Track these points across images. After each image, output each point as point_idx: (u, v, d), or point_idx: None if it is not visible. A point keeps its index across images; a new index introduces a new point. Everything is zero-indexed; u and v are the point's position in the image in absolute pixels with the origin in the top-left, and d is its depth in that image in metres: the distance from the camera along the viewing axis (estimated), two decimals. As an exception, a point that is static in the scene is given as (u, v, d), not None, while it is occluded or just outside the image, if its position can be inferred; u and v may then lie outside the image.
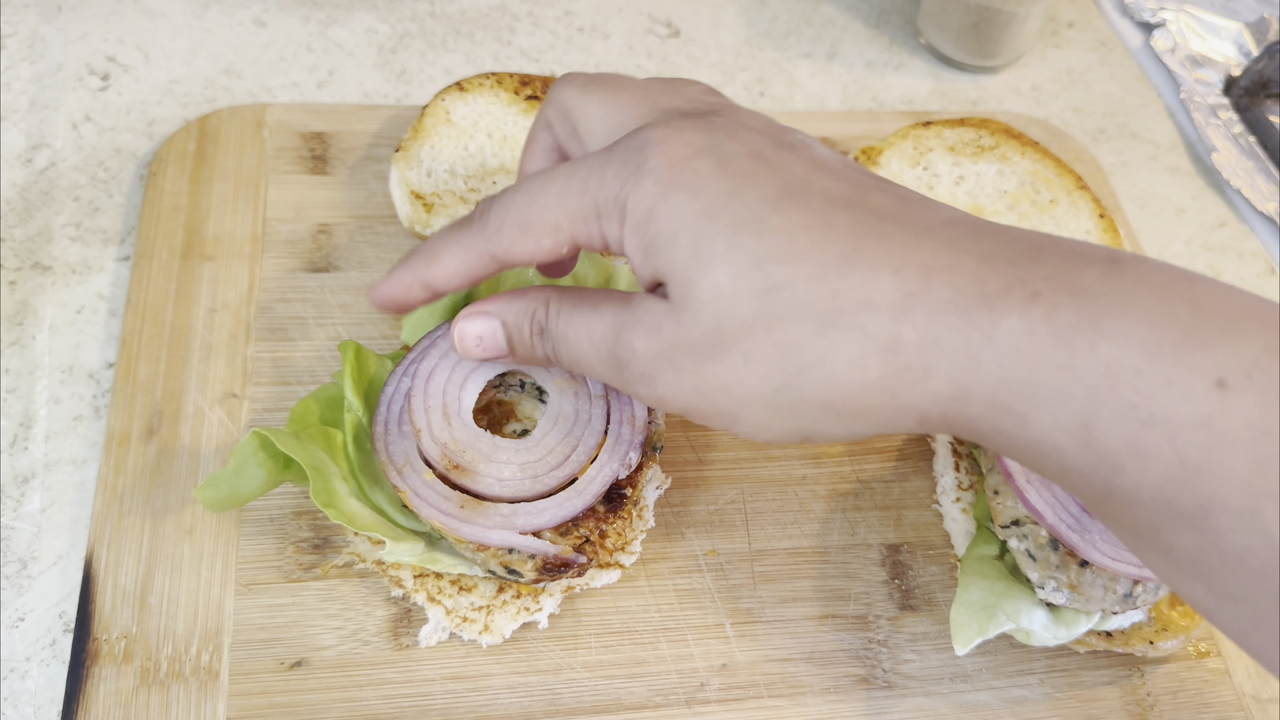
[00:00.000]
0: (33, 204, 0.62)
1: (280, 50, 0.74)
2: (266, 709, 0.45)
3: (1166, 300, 0.31)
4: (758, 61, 0.80)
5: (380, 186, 0.64)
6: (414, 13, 0.78)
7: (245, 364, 0.55)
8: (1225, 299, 0.31)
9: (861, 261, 0.34)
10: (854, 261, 0.34)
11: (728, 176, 0.36)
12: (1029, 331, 0.32)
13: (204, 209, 0.61)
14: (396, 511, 0.48)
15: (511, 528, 0.45)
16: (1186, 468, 0.30)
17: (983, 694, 0.49)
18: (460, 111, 0.64)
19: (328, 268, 0.60)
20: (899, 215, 0.35)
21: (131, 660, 0.45)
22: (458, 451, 0.46)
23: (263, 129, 0.66)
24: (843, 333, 0.34)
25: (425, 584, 0.47)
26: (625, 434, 0.48)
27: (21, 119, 0.66)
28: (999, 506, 0.49)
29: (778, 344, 0.34)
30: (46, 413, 0.54)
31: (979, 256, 0.33)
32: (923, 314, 0.33)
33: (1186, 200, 0.77)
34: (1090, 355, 0.31)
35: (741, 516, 0.54)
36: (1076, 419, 0.31)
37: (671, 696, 0.47)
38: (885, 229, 0.34)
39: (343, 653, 0.47)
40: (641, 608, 0.50)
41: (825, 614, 0.51)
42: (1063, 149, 0.75)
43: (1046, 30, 0.88)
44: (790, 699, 0.48)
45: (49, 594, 0.48)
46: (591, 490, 0.46)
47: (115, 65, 0.70)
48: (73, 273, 0.59)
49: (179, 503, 0.50)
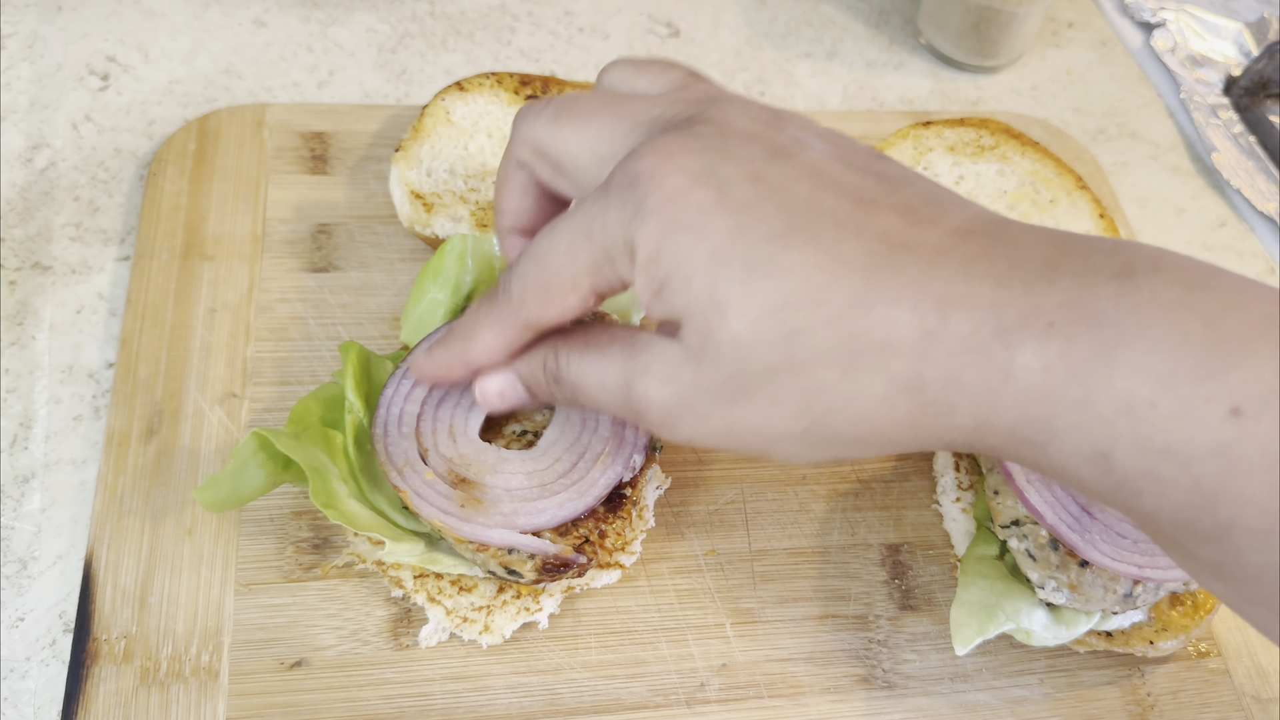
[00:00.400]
0: (33, 204, 0.62)
1: (280, 50, 0.74)
2: (266, 709, 0.45)
3: (1181, 323, 0.31)
4: (758, 61, 0.80)
5: (380, 186, 0.64)
6: (414, 13, 0.78)
7: (245, 364, 0.55)
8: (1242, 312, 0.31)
9: (878, 302, 0.33)
10: (869, 302, 0.33)
11: (730, 211, 0.35)
12: (1046, 370, 0.32)
13: (204, 209, 0.61)
14: (396, 512, 0.48)
15: (512, 527, 0.45)
16: (1204, 494, 0.30)
17: (983, 694, 0.49)
18: (460, 111, 0.64)
19: (328, 268, 0.60)
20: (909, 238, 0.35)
21: (131, 660, 0.45)
22: (463, 465, 0.46)
23: (263, 129, 0.66)
24: (867, 374, 0.34)
25: (425, 584, 0.47)
26: (630, 436, 0.48)
27: (21, 119, 0.66)
28: (999, 506, 0.49)
29: (804, 388, 0.34)
30: (46, 413, 0.54)
31: (994, 281, 0.33)
32: (942, 352, 0.33)
33: (1186, 200, 0.77)
34: (1106, 389, 0.31)
35: (741, 516, 0.54)
36: (1095, 449, 0.32)
37: (671, 696, 0.47)
38: (897, 259, 0.34)
39: (343, 653, 0.47)
40: (641, 608, 0.50)
41: (825, 614, 0.51)
42: (1063, 149, 0.75)
43: (1046, 30, 0.88)
44: (790, 699, 0.48)
45: (49, 594, 0.48)
46: (594, 492, 0.46)
47: (115, 65, 0.70)
48: (73, 273, 0.59)
49: (179, 503, 0.50)
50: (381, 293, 0.59)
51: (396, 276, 0.60)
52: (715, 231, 0.34)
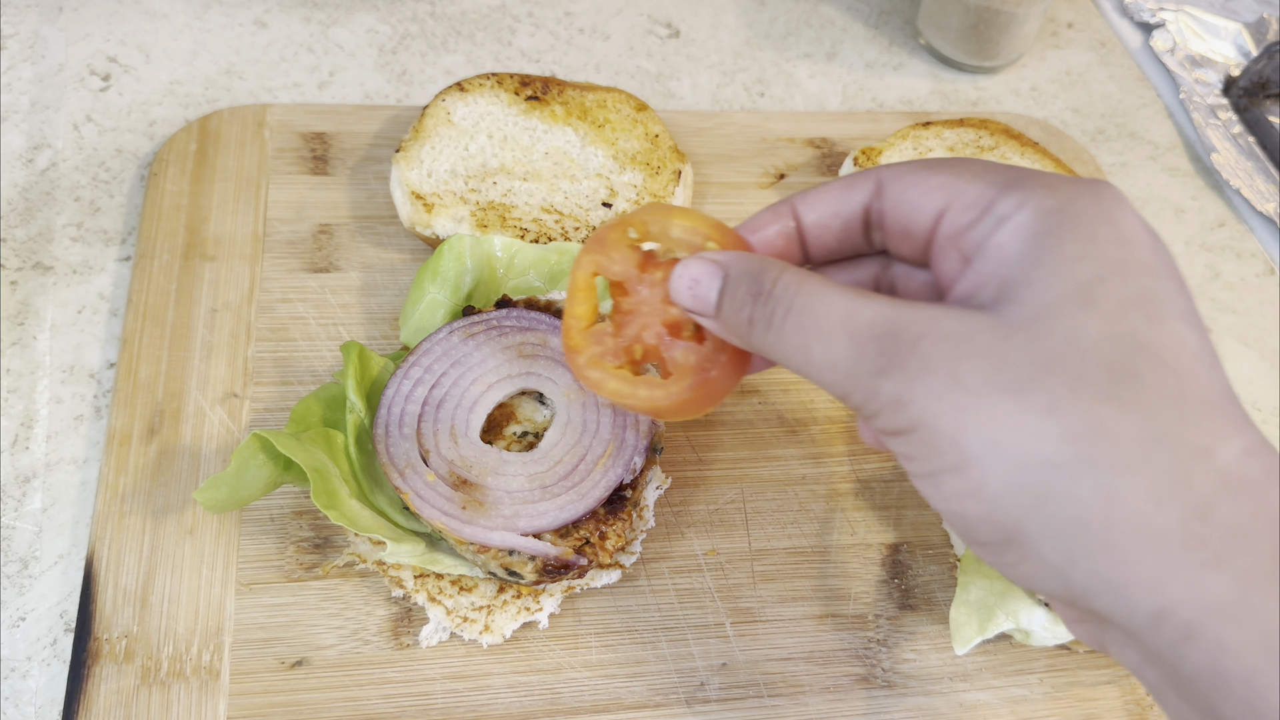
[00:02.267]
0: (34, 204, 0.62)
1: (281, 51, 0.74)
2: (267, 708, 0.45)
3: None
4: (758, 62, 0.80)
5: (381, 187, 0.64)
6: (414, 14, 0.78)
7: (246, 364, 0.55)
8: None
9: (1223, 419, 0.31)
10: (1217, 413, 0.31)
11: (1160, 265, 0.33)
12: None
13: (205, 209, 0.61)
14: (397, 512, 0.48)
15: (513, 529, 0.45)
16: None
17: (983, 694, 0.49)
18: (461, 112, 0.64)
19: (328, 268, 0.60)
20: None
21: (132, 660, 0.45)
22: (464, 467, 0.47)
23: (263, 129, 0.66)
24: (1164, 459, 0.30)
25: (426, 584, 0.47)
26: (630, 439, 0.48)
27: (23, 119, 0.66)
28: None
29: (1094, 419, 0.30)
30: (48, 412, 0.54)
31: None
32: (1249, 505, 0.30)
33: (1186, 200, 0.77)
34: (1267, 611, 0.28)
35: (741, 516, 0.54)
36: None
37: (671, 696, 0.47)
38: (1246, 419, 0.31)
39: (343, 652, 0.47)
40: (641, 607, 0.50)
41: (825, 613, 0.51)
42: (1062, 149, 0.75)
43: (1046, 31, 0.88)
44: (790, 698, 0.48)
45: (50, 593, 0.48)
46: (595, 494, 0.46)
47: (116, 66, 0.71)
48: (74, 273, 0.59)
49: (180, 502, 0.50)
50: (382, 293, 0.59)
51: (396, 276, 0.60)
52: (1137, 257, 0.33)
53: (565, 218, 0.60)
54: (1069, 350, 0.31)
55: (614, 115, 0.66)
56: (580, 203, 0.61)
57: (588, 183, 0.62)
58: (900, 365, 0.32)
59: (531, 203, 0.61)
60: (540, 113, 0.65)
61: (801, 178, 0.70)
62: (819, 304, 0.35)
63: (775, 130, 0.73)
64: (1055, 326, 0.31)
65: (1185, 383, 0.31)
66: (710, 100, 0.77)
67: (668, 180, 0.63)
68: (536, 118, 0.65)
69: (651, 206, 0.42)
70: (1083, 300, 0.31)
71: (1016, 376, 0.31)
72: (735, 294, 0.37)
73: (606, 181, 0.62)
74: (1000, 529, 0.31)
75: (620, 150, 0.64)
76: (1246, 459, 0.30)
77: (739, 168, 0.70)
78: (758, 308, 0.36)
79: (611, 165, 0.63)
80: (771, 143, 0.72)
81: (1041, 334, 0.31)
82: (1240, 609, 0.29)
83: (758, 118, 0.73)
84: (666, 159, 0.64)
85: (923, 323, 0.33)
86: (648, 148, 0.65)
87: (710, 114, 0.73)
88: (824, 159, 0.72)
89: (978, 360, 0.31)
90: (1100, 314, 0.31)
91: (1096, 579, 0.30)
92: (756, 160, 0.71)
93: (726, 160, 0.70)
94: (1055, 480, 0.30)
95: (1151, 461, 0.29)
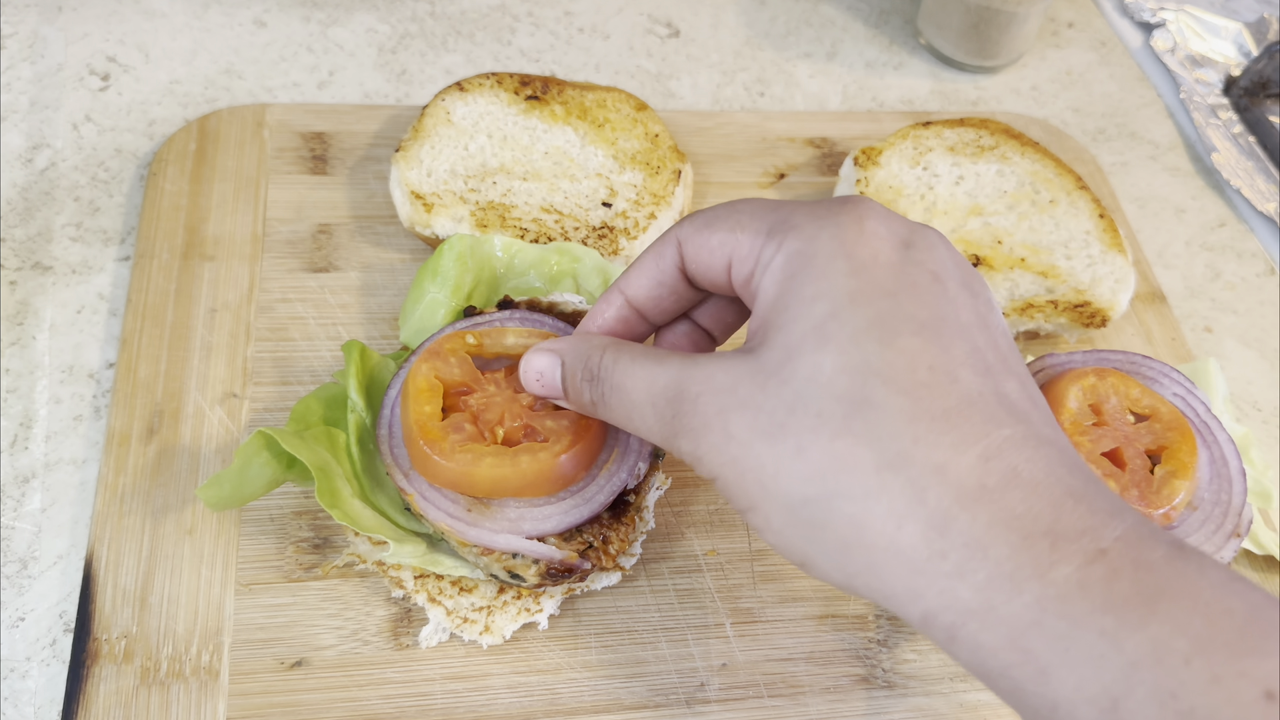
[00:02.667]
0: (33, 204, 0.62)
1: (280, 50, 0.74)
2: (267, 709, 0.45)
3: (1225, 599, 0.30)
4: (758, 61, 0.80)
5: (380, 186, 0.64)
6: (414, 13, 0.78)
7: (245, 364, 0.55)
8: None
9: (961, 429, 0.32)
10: (954, 423, 0.32)
11: (898, 283, 0.34)
12: (1082, 585, 0.30)
13: (204, 209, 0.61)
14: (398, 512, 0.48)
15: (517, 532, 0.45)
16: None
17: (983, 694, 0.49)
18: (460, 112, 0.64)
19: (328, 268, 0.60)
20: (1026, 413, 0.34)
21: (132, 660, 0.45)
22: None
23: (263, 129, 0.66)
24: (899, 482, 0.32)
25: (426, 585, 0.47)
26: (634, 444, 0.48)
27: (22, 119, 0.66)
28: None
29: (834, 455, 0.33)
30: (47, 412, 0.54)
31: (1067, 490, 0.32)
32: (985, 513, 0.31)
33: (1186, 200, 0.77)
34: (1138, 630, 0.30)
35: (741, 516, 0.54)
36: (1105, 691, 0.30)
37: (671, 696, 0.47)
38: (1001, 416, 0.33)
39: (343, 653, 0.47)
40: (641, 608, 0.50)
41: (825, 614, 0.51)
42: (1062, 149, 0.75)
43: (1046, 30, 0.88)
44: (790, 699, 0.48)
45: (49, 594, 0.48)
46: (599, 499, 0.46)
47: (116, 65, 0.71)
48: (73, 273, 0.59)
49: (179, 502, 0.50)
50: (381, 293, 0.59)
51: (396, 276, 0.60)
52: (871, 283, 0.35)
53: (565, 217, 0.60)
54: (809, 390, 0.33)
55: (614, 115, 0.66)
56: (580, 202, 0.61)
57: (588, 182, 0.62)
58: (687, 426, 0.36)
59: (531, 202, 0.61)
60: (540, 112, 0.65)
61: (802, 177, 0.70)
62: (628, 378, 0.39)
63: (775, 130, 0.73)
64: (798, 369, 0.34)
65: (918, 400, 0.33)
66: (710, 100, 0.77)
67: (667, 180, 0.63)
68: (536, 117, 0.65)
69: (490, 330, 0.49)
70: (819, 338, 0.34)
71: (771, 423, 0.34)
72: (574, 379, 0.41)
73: (606, 181, 0.62)
74: (793, 556, 0.35)
75: (620, 150, 0.64)
76: (983, 466, 0.32)
77: (739, 167, 0.70)
78: (594, 389, 0.40)
79: (611, 165, 0.63)
80: (772, 142, 0.72)
81: (788, 378, 0.34)
82: (986, 613, 0.31)
83: (758, 117, 0.73)
84: (666, 158, 0.64)
85: (701, 380, 0.36)
86: (648, 147, 0.64)
87: (710, 114, 0.73)
88: (824, 159, 0.72)
89: (741, 412, 0.35)
90: (834, 348, 0.33)
91: (872, 592, 0.33)
92: (757, 160, 0.71)
93: (726, 160, 0.70)
94: (815, 514, 0.33)
95: (887, 486, 0.32)
